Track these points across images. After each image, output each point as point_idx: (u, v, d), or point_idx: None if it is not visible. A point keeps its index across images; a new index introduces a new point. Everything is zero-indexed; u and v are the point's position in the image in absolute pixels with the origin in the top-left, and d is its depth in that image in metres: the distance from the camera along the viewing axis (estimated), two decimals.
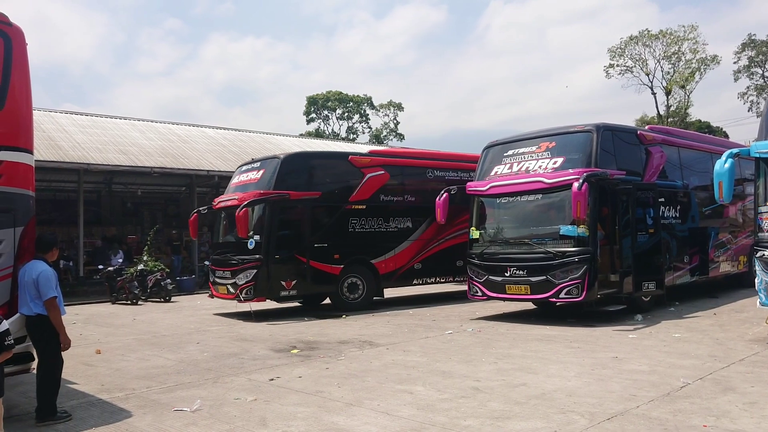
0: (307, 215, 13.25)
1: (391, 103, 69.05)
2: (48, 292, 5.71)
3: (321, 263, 13.28)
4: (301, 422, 5.50)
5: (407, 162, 15.67)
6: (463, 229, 14.76)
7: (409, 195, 14.96)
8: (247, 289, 12.66)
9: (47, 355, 5.85)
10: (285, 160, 13.39)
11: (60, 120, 22.85)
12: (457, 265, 15.07)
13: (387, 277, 14.36)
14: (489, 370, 7.40)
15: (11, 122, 5.95)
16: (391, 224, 14.51)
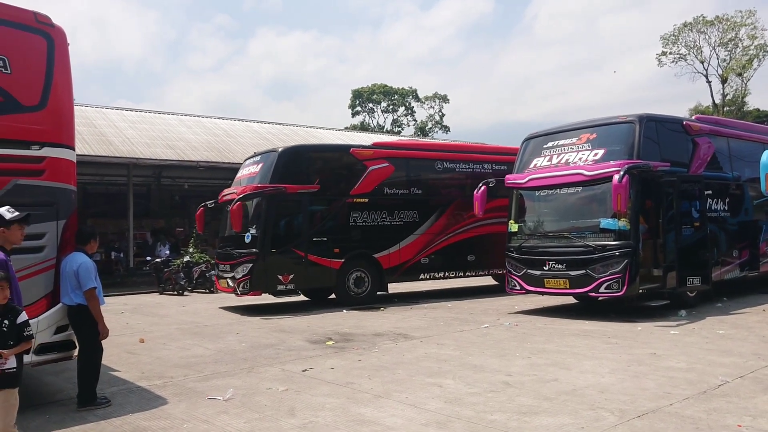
0: (306, 209, 13.09)
1: (437, 95, 68.65)
2: (87, 283, 5.92)
3: (320, 257, 13.12)
4: (328, 413, 5.58)
5: (413, 154, 15.24)
6: (475, 222, 14.80)
7: (416, 188, 14.63)
8: (244, 282, 12.61)
9: (87, 344, 6.08)
10: (282, 154, 13.23)
11: (111, 116, 23.60)
12: (468, 260, 14.93)
13: (391, 272, 14.05)
14: (521, 365, 7.33)
15: (54, 120, 6.18)
16: (395, 218, 14.18)
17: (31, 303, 5.80)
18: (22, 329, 4.36)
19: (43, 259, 5.99)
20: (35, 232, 5.90)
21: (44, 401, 6.33)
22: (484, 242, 15.11)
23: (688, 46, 51.21)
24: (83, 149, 19.29)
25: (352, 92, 65.86)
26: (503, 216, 14.25)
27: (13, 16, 6.02)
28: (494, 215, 14.64)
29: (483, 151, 17.36)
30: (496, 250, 14.75)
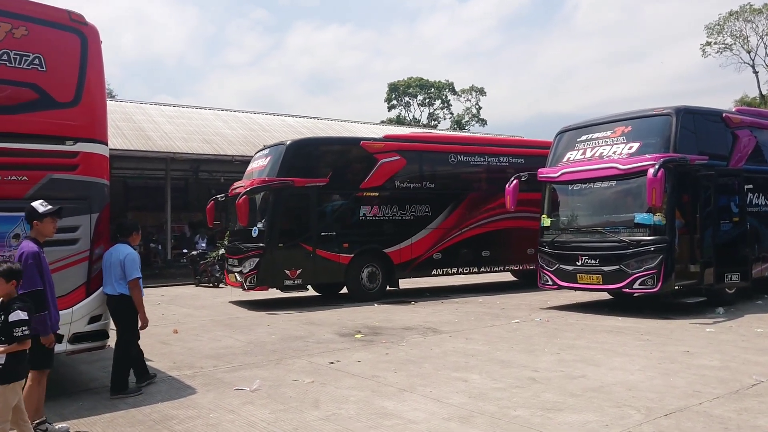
0: (314, 203, 12.85)
1: (473, 88, 68.08)
2: (133, 273, 6.19)
3: (328, 252, 12.87)
4: (352, 405, 5.62)
5: (425, 147, 14.85)
6: (490, 217, 14.54)
7: (428, 181, 14.31)
8: (251, 277, 12.40)
9: (125, 333, 6.29)
10: (290, 147, 12.98)
11: (150, 111, 24.10)
12: (483, 256, 14.60)
13: (402, 268, 13.73)
14: (549, 361, 7.26)
15: (87, 116, 6.34)
16: (406, 212, 13.86)
17: (65, 294, 6.00)
18: (11, 328, 4.19)
19: (77, 251, 6.16)
20: (69, 225, 6.08)
21: (78, 389, 6.53)
22: (499, 237, 14.82)
23: (734, 35, 49.69)
24: (123, 144, 19.82)
25: (388, 85, 65.84)
26: (520, 210, 14.07)
27: (48, 15, 6.19)
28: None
29: (498, 144, 16.91)
30: (512, 246, 14.81)
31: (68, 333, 6.02)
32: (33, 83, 6.01)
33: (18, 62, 5.93)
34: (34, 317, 4.78)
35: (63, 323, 5.93)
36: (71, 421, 5.36)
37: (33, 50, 6.01)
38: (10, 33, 5.90)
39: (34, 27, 6.06)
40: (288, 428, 5.04)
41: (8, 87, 5.88)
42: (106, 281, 6.25)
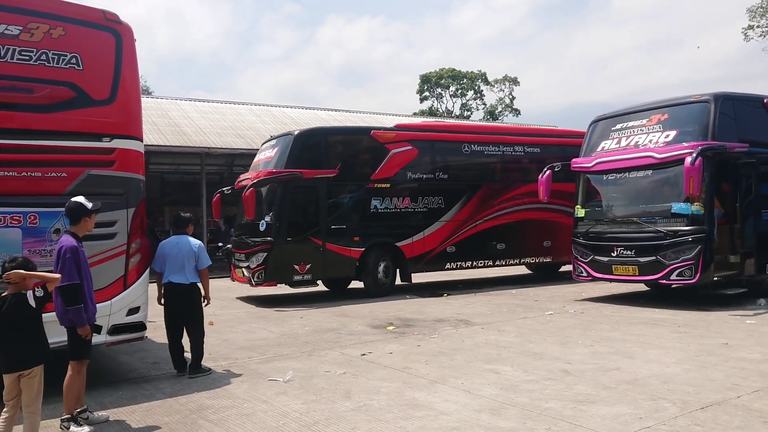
0: (324, 195, 12.36)
1: (507, 78, 67.24)
2: (206, 261, 6.85)
3: (339, 246, 12.43)
4: (383, 396, 5.66)
5: (438, 136, 14.35)
6: (504, 209, 14.22)
7: (441, 172, 13.81)
8: (259, 272, 11.93)
9: (197, 318, 6.85)
10: (298, 137, 12.47)
11: (184, 107, 24.49)
12: (498, 249, 14.21)
13: (415, 261, 13.29)
14: (583, 353, 7.18)
15: (123, 113, 6.48)
16: (419, 204, 13.38)
17: (104, 287, 6.18)
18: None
19: (114, 245, 6.32)
20: (107, 219, 6.24)
21: (118, 379, 6.71)
22: (514, 230, 14.40)
23: None
24: (160, 140, 20.19)
25: (419, 77, 65.45)
26: (537, 201, 13.82)
27: (84, 15, 6.33)
28: (528, 201, 14.33)
29: (513, 133, 16.41)
30: (528, 238, 14.47)
31: (107, 325, 6.20)
32: (71, 82, 6.17)
33: (56, 62, 6.09)
34: (70, 309, 4.96)
35: (102, 315, 6.12)
36: (111, 409, 5.52)
37: (70, 50, 6.17)
38: (48, 34, 6.06)
39: (70, 27, 6.21)
40: (320, 418, 5.10)
41: (47, 86, 6.05)
42: (170, 271, 6.68)
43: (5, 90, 5.85)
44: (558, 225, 14.55)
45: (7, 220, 5.74)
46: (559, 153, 14.62)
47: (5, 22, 5.85)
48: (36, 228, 5.85)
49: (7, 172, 5.78)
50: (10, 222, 5.75)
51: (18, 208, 5.79)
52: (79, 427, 4.90)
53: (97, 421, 5.12)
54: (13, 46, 5.87)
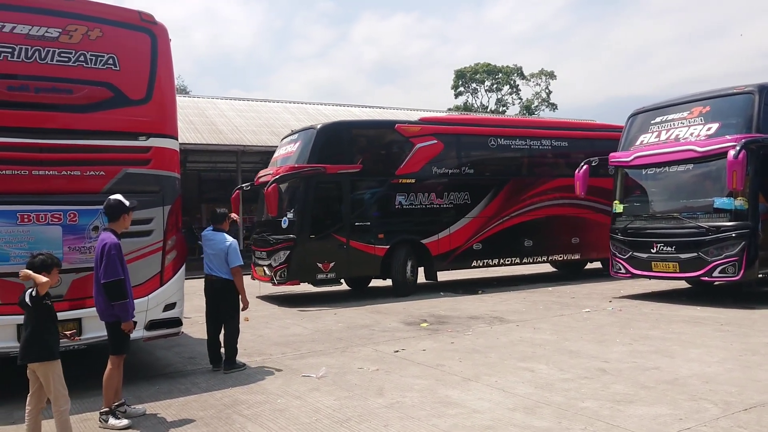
0: (347, 191, 12.01)
1: (543, 72, 66.40)
2: (236, 261, 6.78)
3: (363, 243, 12.05)
4: (415, 394, 5.63)
5: (464, 130, 13.97)
6: (532, 204, 13.83)
7: (467, 167, 13.40)
8: (281, 271, 11.61)
9: (233, 315, 6.86)
10: (321, 131, 12.10)
11: (221, 106, 24.81)
12: (525, 246, 13.80)
13: (441, 259, 12.88)
14: (621, 352, 7.04)
15: (158, 112, 6.58)
16: (444, 200, 12.95)
17: (141, 283, 6.29)
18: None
19: (151, 242, 6.42)
20: (144, 217, 6.36)
21: (156, 373, 6.83)
22: (542, 226, 13.99)
23: None
24: (197, 138, 20.52)
25: (454, 72, 65.03)
26: (565, 196, 13.73)
27: (120, 16, 6.45)
28: (556, 196, 13.99)
29: (540, 126, 15.87)
30: (556, 235, 14.10)
31: (144, 320, 6.31)
32: (108, 82, 6.28)
33: (94, 63, 6.21)
34: (116, 304, 5.06)
35: (139, 311, 6.21)
36: (148, 403, 5.62)
37: (107, 50, 6.28)
38: (86, 35, 6.18)
39: (107, 28, 6.32)
40: (352, 415, 5.10)
41: (86, 87, 6.17)
42: (214, 264, 6.85)
43: (46, 91, 5.99)
44: (586, 221, 14.26)
45: (48, 218, 5.88)
46: (588, 147, 14.34)
47: (45, 24, 5.98)
48: (75, 225, 5.98)
49: (48, 171, 5.92)
50: (50, 220, 5.89)
51: (58, 206, 5.92)
52: (117, 420, 5.00)
53: (134, 415, 5.21)
54: (53, 48, 6.01)
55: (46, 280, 4.44)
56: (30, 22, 5.92)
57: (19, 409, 5.42)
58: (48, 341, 4.52)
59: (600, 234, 13.86)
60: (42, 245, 5.76)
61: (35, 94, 5.94)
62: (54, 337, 4.58)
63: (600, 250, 14.17)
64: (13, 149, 5.78)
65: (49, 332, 4.55)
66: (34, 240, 5.80)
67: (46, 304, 4.53)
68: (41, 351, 4.46)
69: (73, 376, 5.12)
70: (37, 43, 5.93)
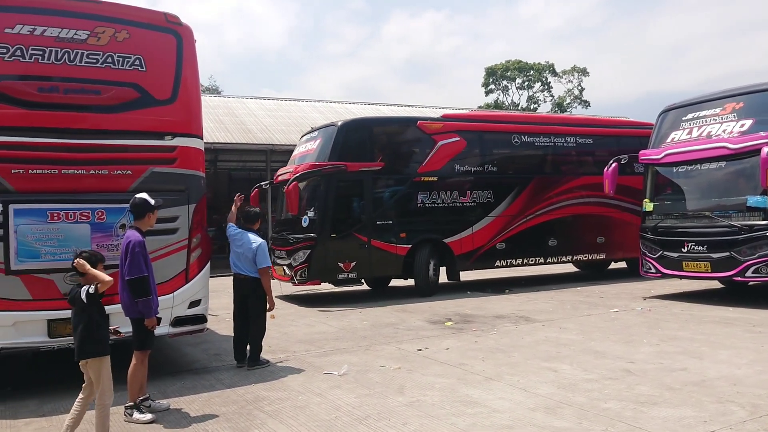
0: (369, 189, 11.79)
1: (575, 69, 65.56)
2: (264, 262, 6.82)
3: (384, 243, 11.82)
4: (436, 392, 5.62)
5: (487, 127, 13.62)
6: (556, 203, 13.54)
7: (490, 165, 13.11)
8: (302, 270, 11.39)
9: (260, 313, 6.90)
10: (342, 128, 11.87)
11: (250, 105, 25.06)
12: (550, 245, 13.47)
13: (464, 259, 12.61)
14: (647, 352, 6.92)
15: (184, 112, 6.68)
16: (467, 198, 12.66)
17: (167, 280, 6.41)
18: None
19: (176, 239, 6.53)
20: (169, 215, 6.46)
21: (182, 369, 6.94)
22: (567, 225, 13.66)
23: None
24: (227, 137, 20.77)
25: (485, 70, 64.60)
26: (590, 195, 13.48)
27: (146, 18, 6.58)
28: (581, 194, 13.72)
29: (566, 123, 15.50)
30: (582, 234, 13.84)
31: (170, 317, 6.42)
32: (134, 83, 6.40)
33: (121, 64, 6.34)
34: (140, 301, 5.16)
35: (165, 308, 6.34)
36: (173, 398, 5.71)
37: (134, 52, 6.41)
38: (113, 37, 6.32)
39: (134, 30, 6.45)
40: (371, 413, 5.12)
41: (113, 87, 6.30)
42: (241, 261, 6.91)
43: (75, 92, 6.13)
44: (612, 220, 13.98)
45: (77, 216, 6.02)
46: (614, 144, 14.10)
47: (74, 27, 6.13)
48: (103, 223, 6.11)
49: (77, 171, 6.06)
50: (79, 218, 6.03)
51: (86, 205, 6.06)
52: (141, 415, 5.10)
53: (158, 409, 5.31)
54: (81, 50, 6.15)
55: (110, 280, 4.58)
56: (60, 25, 6.08)
57: (49, 402, 5.63)
58: (102, 337, 4.66)
59: (625, 233, 13.70)
60: (71, 243, 5.91)
61: (64, 95, 6.09)
62: (106, 333, 4.72)
63: (626, 249, 13.95)
64: (44, 149, 5.93)
65: (101, 328, 4.68)
66: (63, 238, 5.95)
67: (99, 301, 4.65)
68: (96, 347, 4.59)
69: None
70: (66, 45, 6.08)
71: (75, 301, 4.60)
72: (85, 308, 4.56)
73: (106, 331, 4.70)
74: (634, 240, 11.74)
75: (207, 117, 22.71)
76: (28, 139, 5.87)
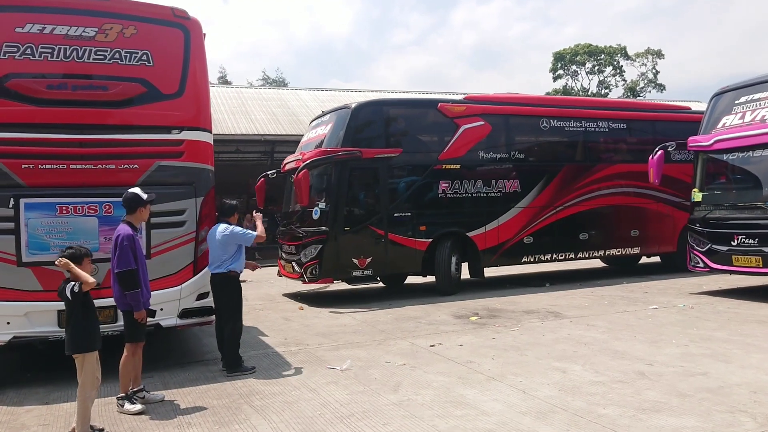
0: (385, 178, 10.92)
1: (649, 51, 62.77)
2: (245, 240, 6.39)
3: (403, 237, 10.94)
4: (430, 392, 5.45)
5: (513, 110, 12.43)
6: (588, 193, 12.58)
7: (517, 151, 12.18)
8: (312, 267, 10.53)
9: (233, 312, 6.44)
10: (356, 111, 10.95)
11: (303, 97, 25.28)
12: (580, 239, 12.52)
13: (488, 254, 11.68)
14: (671, 354, 6.49)
15: (191, 106, 6.74)
16: (492, 188, 11.74)
17: (174, 272, 6.53)
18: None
19: (184, 232, 6.61)
20: (176, 208, 6.58)
21: (193, 360, 7.05)
22: (599, 217, 12.75)
23: None
24: (278, 129, 21.07)
25: (553, 55, 62.78)
26: (624, 184, 12.75)
27: (154, 13, 6.65)
28: (613, 183, 12.82)
29: (599, 107, 14.23)
30: (615, 227, 12.94)
31: (178, 309, 6.52)
32: (142, 78, 6.51)
33: (128, 59, 6.45)
34: (128, 294, 5.24)
35: (172, 300, 6.49)
36: (172, 390, 5.80)
37: (141, 47, 6.50)
38: (121, 33, 6.43)
39: (141, 26, 6.54)
40: (356, 410, 5.02)
41: (121, 83, 6.42)
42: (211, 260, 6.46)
43: (83, 88, 6.29)
44: (647, 212, 13.07)
45: (85, 209, 6.19)
46: (649, 129, 13.34)
47: (83, 24, 6.28)
48: (110, 217, 6.23)
49: (84, 165, 6.22)
50: (87, 211, 6.19)
51: (94, 199, 6.21)
52: (132, 405, 5.19)
53: (152, 401, 5.39)
54: (89, 47, 6.29)
55: (93, 281, 4.65)
56: (69, 23, 6.24)
57: (56, 391, 5.82)
58: (89, 333, 4.71)
59: (661, 226, 12.98)
60: (79, 236, 6.10)
61: (72, 92, 6.26)
62: (92, 329, 4.75)
63: (661, 243, 13.17)
64: (52, 145, 6.12)
65: (89, 323, 4.75)
66: (72, 231, 6.14)
67: (86, 297, 4.72)
68: (82, 343, 4.67)
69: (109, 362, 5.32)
70: (75, 43, 6.24)
71: (62, 297, 4.70)
72: (70, 305, 4.66)
73: (92, 327, 4.75)
74: (670, 233, 11.06)
75: (260, 109, 23.13)
76: (37, 135, 6.06)
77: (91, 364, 4.65)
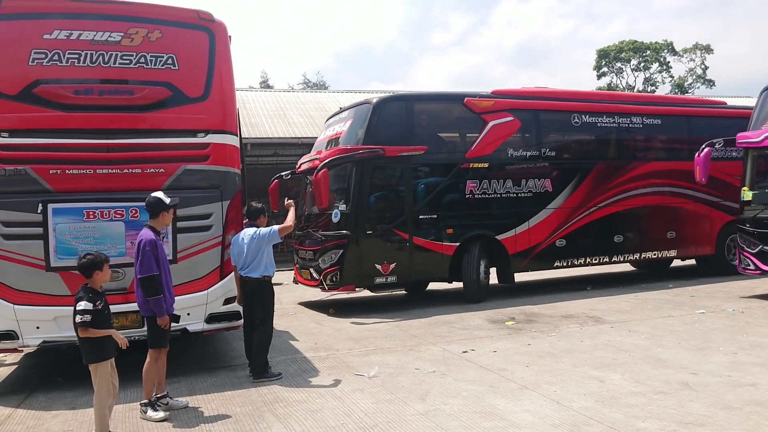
0: (409, 177, 10.26)
1: (697, 46, 60.90)
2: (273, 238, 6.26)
3: (429, 240, 10.30)
4: (459, 401, 5.23)
5: (544, 105, 11.73)
6: (623, 192, 11.88)
7: (548, 148, 11.51)
8: (333, 273, 9.87)
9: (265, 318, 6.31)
10: (378, 106, 10.28)
11: (341, 99, 25.20)
12: (615, 242, 11.86)
13: (519, 258, 11.00)
14: (718, 363, 6.11)
15: (217, 109, 6.67)
16: (522, 188, 11.08)
17: (201, 277, 6.48)
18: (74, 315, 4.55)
19: (210, 236, 6.54)
20: (203, 212, 6.52)
21: (220, 365, 6.99)
22: (635, 218, 12.09)
23: None
24: (315, 132, 20.97)
25: (596, 52, 61.47)
26: (661, 183, 12.13)
27: (179, 16, 6.62)
28: (649, 182, 12.14)
29: (635, 102, 13.59)
30: (652, 228, 12.25)
31: (204, 313, 6.47)
32: (167, 82, 6.48)
33: (154, 63, 6.43)
34: (151, 300, 5.18)
35: (199, 304, 6.44)
36: (197, 396, 5.73)
37: (167, 51, 6.48)
38: (146, 37, 6.42)
39: (167, 29, 6.52)
40: (380, 421, 4.84)
41: (146, 87, 6.41)
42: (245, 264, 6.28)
43: (109, 93, 6.30)
44: (684, 212, 12.41)
45: (112, 214, 6.18)
46: (683, 125, 12.70)
47: (108, 29, 6.29)
48: (137, 221, 6.19)
49: (111, 170, 6.22)
50: (114, 216, 6.18)
51: (121, 203, 6.20)
52: (155, 412, 5.12)
53: (175, 407, 5.32)
54: (115, 51, 6.30)
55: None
56: (95, 28, 6.25)
57: (83, 396, 5.79)
58: (100, 342, 4.61)
59: (698, 227, 12.39)
60: (106, 240, 6.10)
61: (99, 97, 6.27)
62: (107, 338, 4.62)
63: (699, 245, 12.54)
64: (79, 150, 6.14)
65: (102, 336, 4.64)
66: (99, 235, 6.14)
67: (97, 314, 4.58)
68: (92, 354, 4.61)
69: (133, 366, 5.29)
70: (101, 48, 6.25)
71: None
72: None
73: (103, 337, 4.62)
74: (707, 235, 10.53)
75: (298, 112, 23.19)
76: (64, 141, 6.09)
77: (104, 372, 4.59)
